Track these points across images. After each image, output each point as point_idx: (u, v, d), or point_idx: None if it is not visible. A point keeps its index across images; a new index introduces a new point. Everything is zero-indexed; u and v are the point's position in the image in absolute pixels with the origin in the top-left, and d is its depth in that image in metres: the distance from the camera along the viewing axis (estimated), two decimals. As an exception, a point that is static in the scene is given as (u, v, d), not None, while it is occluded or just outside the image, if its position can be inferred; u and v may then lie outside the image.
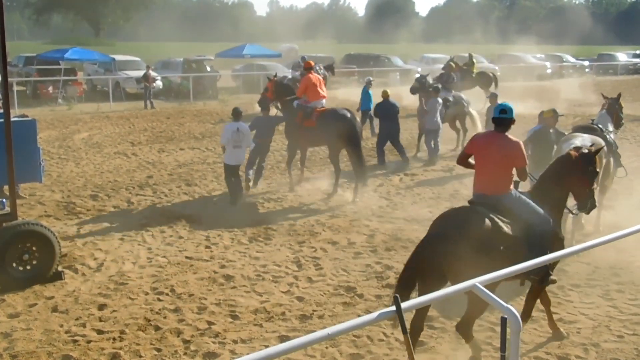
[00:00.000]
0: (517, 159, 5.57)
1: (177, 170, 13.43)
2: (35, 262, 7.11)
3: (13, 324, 6.18)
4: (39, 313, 6.45)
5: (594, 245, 4.78)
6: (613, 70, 44.69)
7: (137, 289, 7.07)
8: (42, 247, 7.11)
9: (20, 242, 7.02)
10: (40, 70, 27.98)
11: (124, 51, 41.89)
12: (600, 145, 7.29)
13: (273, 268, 7.78)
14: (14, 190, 7.18)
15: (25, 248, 7.05)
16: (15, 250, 6.99)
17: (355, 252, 8.39)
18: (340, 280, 7.40)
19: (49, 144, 15.87)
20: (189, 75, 28.72)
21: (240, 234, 9.15)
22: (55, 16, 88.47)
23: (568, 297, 6.98)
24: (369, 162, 13.34)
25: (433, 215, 10.00)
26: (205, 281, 7.34)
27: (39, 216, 9.78)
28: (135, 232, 9.17)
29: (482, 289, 3.66)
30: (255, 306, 6.65)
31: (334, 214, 10.26)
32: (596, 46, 73.34)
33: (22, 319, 6.30)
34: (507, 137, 5.61)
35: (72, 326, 6.16)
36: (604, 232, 8.57)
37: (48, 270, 7.16)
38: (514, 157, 5.56)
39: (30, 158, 7.72)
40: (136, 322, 6.25)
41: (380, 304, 6.71)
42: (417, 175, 13.13)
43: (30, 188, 11.23)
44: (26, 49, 40.03)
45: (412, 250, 8.18)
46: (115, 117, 21.55)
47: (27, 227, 7.08)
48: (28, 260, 7.07)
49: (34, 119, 8.08)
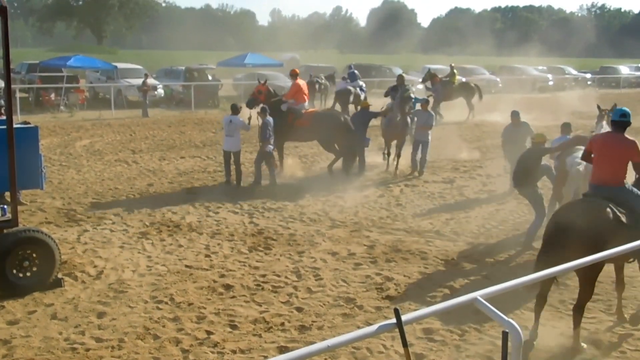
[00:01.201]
0: (634, 155, 6.37)
1: (178, 178, 13.44)
2: (36, 269, 7.11)
3: (12, 331, 6.18)
4: (39, 320, 6.44)
5: (595, 259, 4.75)
6: (615, 83, 44.45)
7: (137, 298, 7.06)
8: (43, 254, 7.11)
9: (20, 248, 7.02)
10: (43, 77, 28.08)
11: (126, 59, 42.05)
12: None
13: (273, 278, 7.77)
14: (15, 196, 7.20)
15: (25, 255, 7.05)
16: (15, 257, 6.99)
17: (355, 263, 8.37)
18: (340, 291, 7.38)
19: (50, 151, 15.90)
20: (190, 84, 28.81)
21: (240, 243, 9.15)
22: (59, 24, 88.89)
23: (569, 311, 6.81)
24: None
25: (434, 227, 10.18)
26: (205, 290, 7.32)
27: (39, 223, 9.79)
28: (135, 240, 9.18)
29: (484, 302, 3.64)
30: (255, 316, 6.64)
31: (334, 224, 10.25)
32: (599, 59, 73.03)
33: (22, 326, 6.30)
34: (625, 136, 6.46)
35: (71, 334, 6.16)
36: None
37: (48, 277, 7.16)
38: (631, 153, 6.37)
39: (32, 165, 7.69)
40: (135, 330, 6.24)
41: (380, 316, 6.69)
42: (418, 186, 13.12)
43: (31, 195, 11.23)
44: (29, 56, 40.13)
45: (412, 261, 8.36)
46: (116, 125, 21.59)
47: (28, 233, 7.08)
48: (28, 267, 7.07)
49: (36, 126, 8.07)
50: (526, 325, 6.31)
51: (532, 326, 6.28)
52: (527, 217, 10.80)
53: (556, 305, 7.01)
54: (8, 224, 7.13)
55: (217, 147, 15.35)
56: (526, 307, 6.93)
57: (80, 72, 31.44)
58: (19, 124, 8.77)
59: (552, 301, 7.04)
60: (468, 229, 10.15)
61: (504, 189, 12.51)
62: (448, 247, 9.21)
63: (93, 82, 31.37)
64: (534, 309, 6.38)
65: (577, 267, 4.61)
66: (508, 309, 6.75)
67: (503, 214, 11.08)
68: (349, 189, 12.50)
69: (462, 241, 9.51)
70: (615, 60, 64.56)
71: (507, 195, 12.15)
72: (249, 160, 14.43)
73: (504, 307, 6.64)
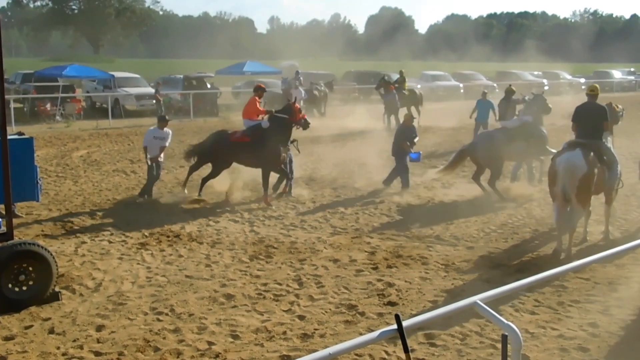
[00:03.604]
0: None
1: (177, 187, 13.34)
2: (32, 282, 6.97)
3: (8, 347, 6.05)
4: (35, 335, 6.32)
5: (593, 261, 4.75)
6: (609, 87, 45.01)
7: (136, 309, 6.96)
8: (39, 267, 6.97)
9: (16, 262, 6.88)
10: (38, 87, 27.96)
11: (124, 68, 42.09)
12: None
13: (274, 286, 7.70)
14: (10, 209, 7.09)
15: (21, 268, 6.91)
16: (11, 271, 6.85)
17: (356, 270, 8.32)
18: (341, 298, 7.33)
19: (46, 162, 15.81)
20: (189, 92, 28.78)
21: (241, 252, 9.07)
22: (54, 33, 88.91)
23: (568, 313, 6.93)
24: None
25: (434, 232, 10.15)
26: (206, 300, 7.24)
27: (35, 235, 9.68)
28: (134, 251, 9.08)
29: (483, 306, 3.66)
30: (256, 325, 6.56)
31: (335, 231, 10.21)
32: (592, 64, 74.00)
33: (18, 341, 6.17)
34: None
35: (69, 348, 6.04)
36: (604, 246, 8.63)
37: (45, 291, 7.03)
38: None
39: (27, 177, 7.63)
40: (135, 343, 6.13)
41: (382, 322, 6.64)
42: (418, 192, 13.06)
43: (27, 207, 11.13)
44: (24, 66, 40.14)
45: (413, 267, 8.34)
46: (114, 135, 21.54)
47: (24, 247, 6.95)
48: (24, 281, 6.93)
49: (31, 137, 8.00)
50: (526, 328, 6.35)
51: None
52: (525, 220, 10.94)
53: (555, 308, 7.03)
54: (3, 237, 7.01)
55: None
56: (525, 309, 6.94)
57: (77, 81, 31.41)
58: (13, 135, 8.69)
59: (550, 303, 7.11)
60: (468, 233, 10.13)
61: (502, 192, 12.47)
62: (448, 251, 9.18)
63: (90, 92, 31.33)
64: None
65: (573, 269, 4.57)
66: (508, 311, 6.83)
67: (502, 217, 11.10)
68: (348, 195, 12.44)
69: (462, 245, 9.50)
70: (608, 65, 65.35)
71: (506, 200, 12.15)
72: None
73: (504, 310, 6.70)
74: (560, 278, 7.59)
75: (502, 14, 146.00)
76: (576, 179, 8.56)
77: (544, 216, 11.07)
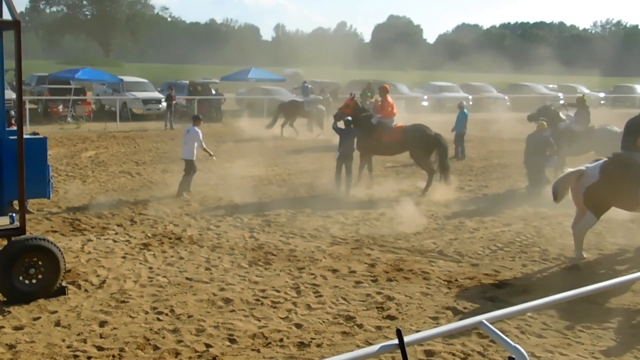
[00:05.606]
0: None
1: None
2: (41, 276, 7.22)
3: (17, 336, 6.29)
4: (43, 327, 6.55)
5: (608, 286, 4.53)
6: (630, 102, 42.36)
7: (138, 308, 7.14)
8: (48, 262, 7.22)
9: (27, 256, 7.14)
10: (52, 89, 28.50)
11: (132, 72, 42.42)
12: None
13: (272, 293, 7.77)
14: (24, 205, 7.33)
15: (32, 262, 7.16)
16: (22, 264, 7.11)
17: (355, 281, 8.27)
18: (339, 309, 7.31)
19: (57, 161, 16.10)
20: (194, 98, 29.13)
21: (240, 257, 9.20)
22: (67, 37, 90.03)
23: (579, 338, 6.68)
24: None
25: (437, 247, 10.03)
26: (204, 303, 7.36)
27: (45, 231, 9.94)
28: (137, 251, 9.29)
29: (489, 326, 3.54)
30: (254, 331, 6.62)
31: (335, 241, 10.21)
32: (613, 77, 70.00)
33: (26, 332, 6.41)
34: None
35: (73, 341, 6.25)
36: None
37: (52, 285, 7.28)
38: None
39: (40, 175, 7.85)
40: (135, 340, 6.30)
41: (380, 335, 6.58)
42: (421, 204, 12.84)
43: (38, 203, 11.40)
44: (39, 68, 40.58)
45: (414, 281, 8.36)
46: (121, 137, 21.82)
47: (35, 242, 7.20)
48: (34, 274, 7.19)
49: (45, 137, 8.24)
50: (532, 352, 6.16)
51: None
52: (534, 239, 10.52)
53: (564, 332, 6.80)
54: (16, 231, 7.26)
55: (218, 160, 15.49)
56: (532, 331, 6.75)
57: (88, 84, 31.89)
58: (28, 134, 8.97)
59: (559, 327, 6.88)
60: (472, 249, 9.87)
61: (510, 210, 12.41)
62: (451, 267, 8.96)
63: (99, 95, 31.73)
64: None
65: (589, 292, 4.41)
66: (514, 332, 6.63)
67: (509, 235, 10.76)
68: (349, 205, 12.55)
69: (466, 262, 9.24)
70: (630, 79, 61.94)
71: (514, 217, 11.96)
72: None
73: (509, 331, 6.55)
74: (569, 302, 6.85)
75: (516, 24, 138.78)
76: (582, 187, 8.90)
77: (554, 235, 10.70)
